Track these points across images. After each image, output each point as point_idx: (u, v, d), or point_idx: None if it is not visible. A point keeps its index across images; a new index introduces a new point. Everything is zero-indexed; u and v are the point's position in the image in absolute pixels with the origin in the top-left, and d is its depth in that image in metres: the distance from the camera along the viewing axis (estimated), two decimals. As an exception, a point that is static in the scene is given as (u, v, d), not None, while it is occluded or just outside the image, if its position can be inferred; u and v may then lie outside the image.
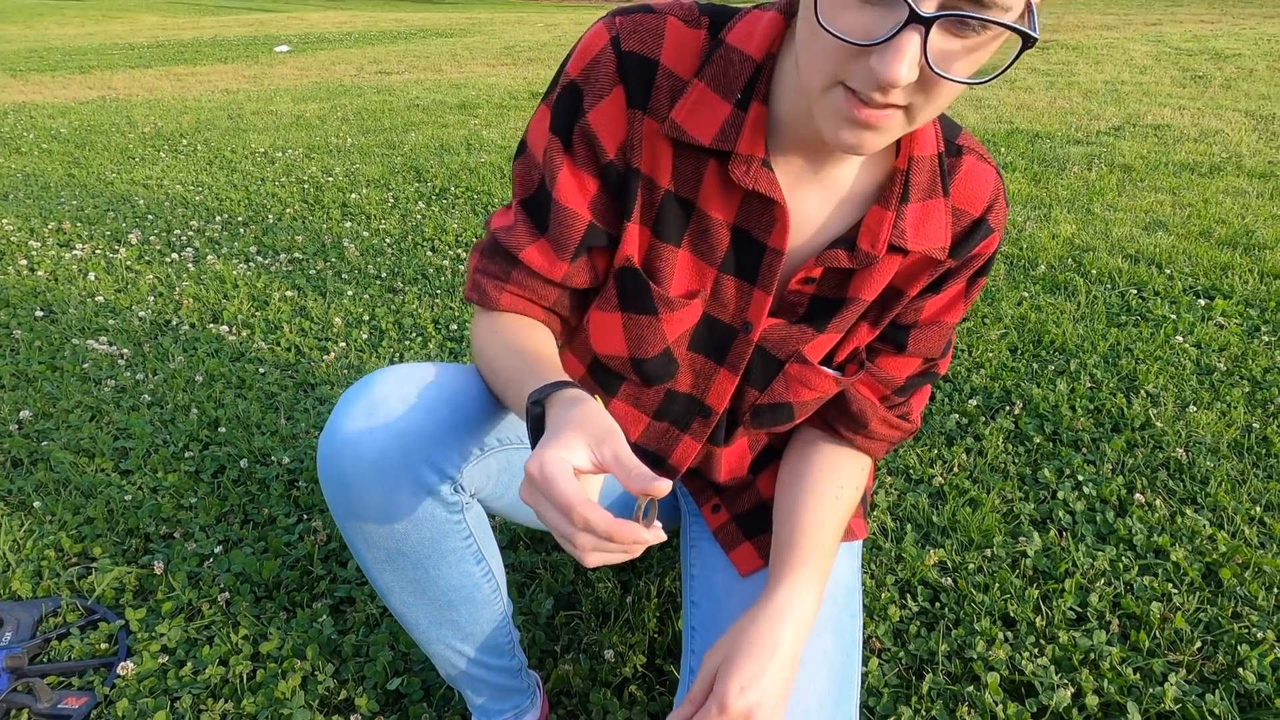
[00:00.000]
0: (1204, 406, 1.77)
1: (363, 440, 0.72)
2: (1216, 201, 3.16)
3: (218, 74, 7.06)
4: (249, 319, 2.21)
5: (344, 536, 0.80)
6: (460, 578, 0.84)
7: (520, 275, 0.79)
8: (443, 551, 0.80)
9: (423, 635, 0.89)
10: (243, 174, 3.68)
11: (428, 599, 0.84)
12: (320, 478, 0.76)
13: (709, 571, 0.96)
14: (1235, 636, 1.19)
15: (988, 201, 0.78)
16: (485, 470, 0.80)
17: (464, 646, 0.90)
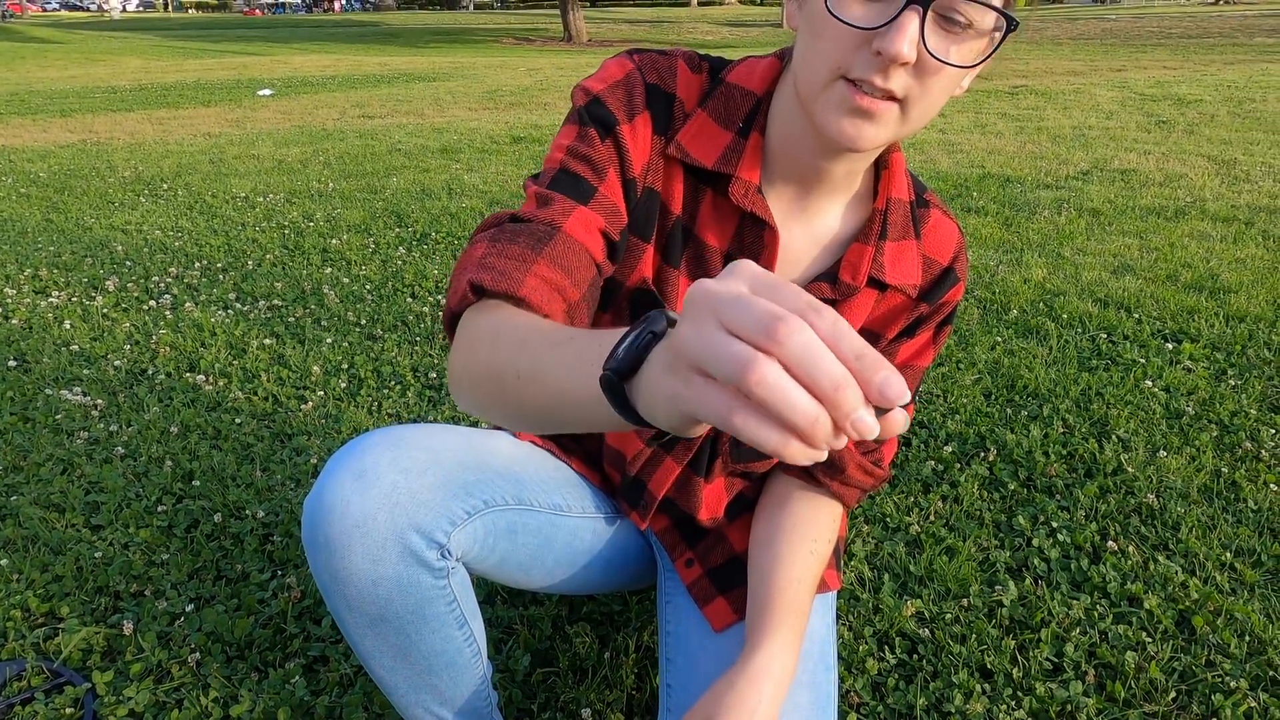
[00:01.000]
0: (1174, 451, 1.80)
1: (350, 505, 0.72)
2: (1182, 245, 3.24)
3: (200, 117, 7.09)
4: (226, 368, 2.20)
5: (326, 601, 0.80)
6: (443, 643, 0.83)
7: (556, 251, 0.68)
8: (426, 618, 0.80)
9: (401, 700, 0.88)
10: (223, 219, 3.69)
11: (409, 665, 0.84)
12: (304, 541, 0.76)
13: (684, 628, 0.96)
14: (1209, 685, 1.20)
15: (954, 252, 0.85)
16: (473, 534, 0.80)
17: (443, 711, 0.90)
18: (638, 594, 1.39)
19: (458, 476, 0.78)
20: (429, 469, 0.76)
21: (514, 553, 0.87)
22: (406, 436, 0.77)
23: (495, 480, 0.83)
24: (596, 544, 0.98)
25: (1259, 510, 1.59)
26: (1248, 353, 2.27)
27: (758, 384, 0.33)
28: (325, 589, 0.77)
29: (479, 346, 0.61)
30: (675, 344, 0.37)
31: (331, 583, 0.76)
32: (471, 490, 0.79)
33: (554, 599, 1.38)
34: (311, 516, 0.74)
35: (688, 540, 1.01)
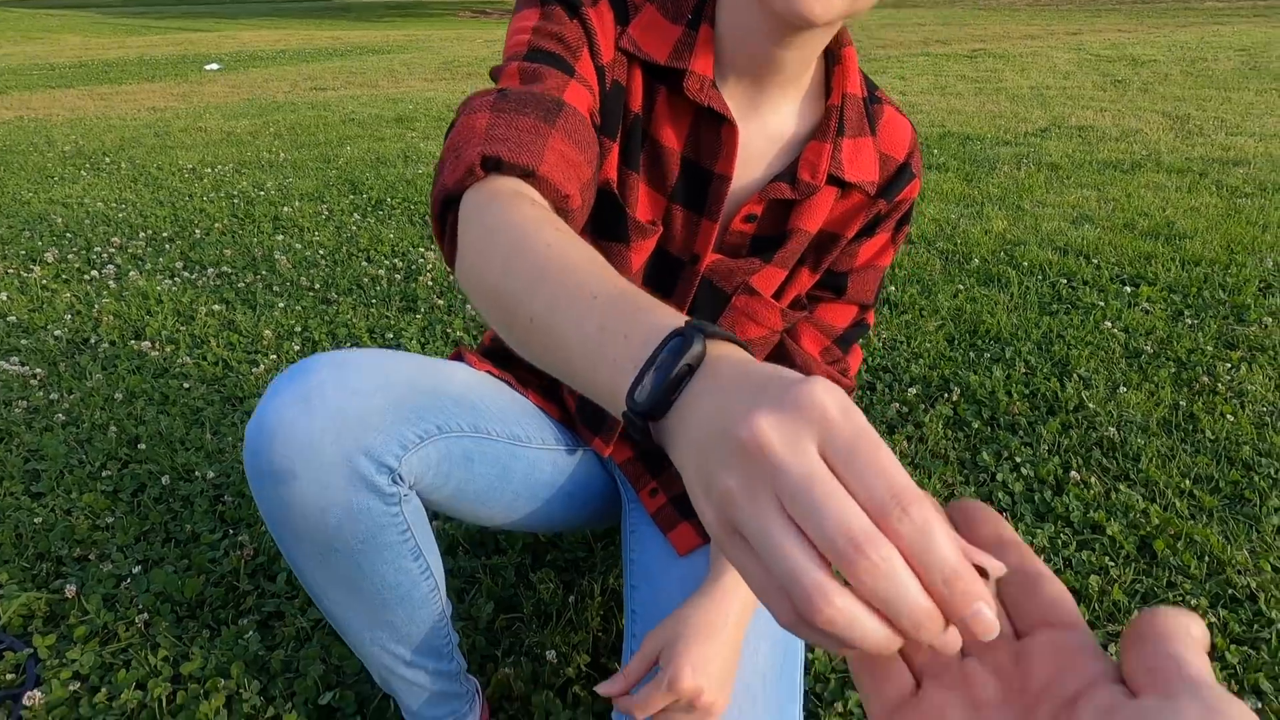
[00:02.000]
0: (1133, 387, 1.81)
1: (296, 427, 0.67)
2: (1139, 196, 3.27)
3: (144, 92, 6.85)
4: (173, 334, 2.13)
5: (272, 533, 0.76)
6: (396, 575, 0.79)
7: (569, 124, 0.61)
8: (378, 547, 0.75)
9: (356, 638, 0.84)
10: (169, 190, 3.56)
11: (362, 598, 0.79)
12: (247, 470, 0.71)
13: (648, 555, 0.93)
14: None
15: (909, 148, 0.83)
16: (425, 459, 0.75)
17: (400, 649, 0.86)
18: (602, 539, 1.37)
19: (409, 400, 0.74)
20: (379, 391, 0.72)
21: (470, 483, 0.83)
22: (354, 358, 0.73)
23: (450, 406, 0.79)
24: (558, 477, 0.95)
25: (1216, 440, 1.61)
26: (1203, 294, 2.30)
27: (825, 622, 0.27)
28: (271, 519, 0.73)
29: (491, 258, 0.49)
30: (719, 498, 0.30)
31: (277, 512, 0.72)
32: (424, 414, 0.75)
33: (517, 547, 1.35)
34: (254, 442, 0.69)
35: (651, 470, 0.98)
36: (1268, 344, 1.99)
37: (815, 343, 0.89)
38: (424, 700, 0.93)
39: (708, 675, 0.73)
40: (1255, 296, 2.26)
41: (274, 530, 0.75)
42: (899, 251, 2.68)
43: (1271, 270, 2.44)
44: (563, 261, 0.45)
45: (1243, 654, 1.12)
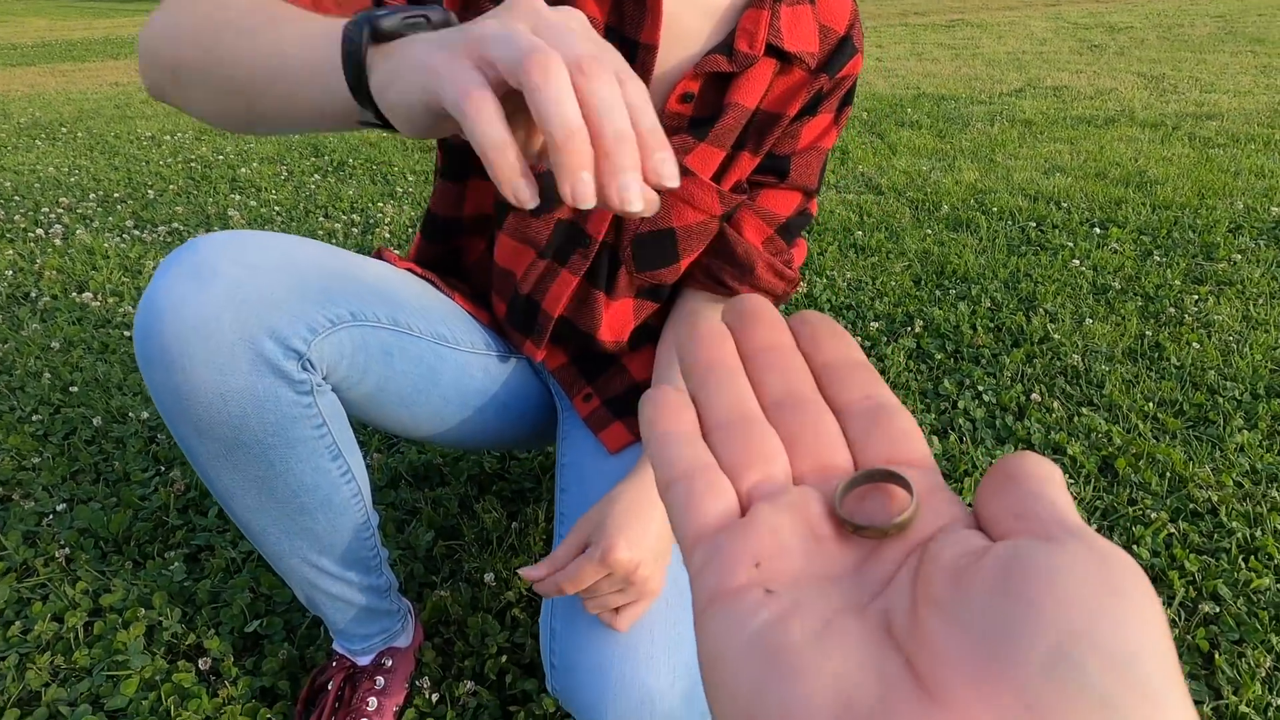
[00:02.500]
0: (1100, 320, 1.78)
1: (188, 304, 0.61)
2: (1112, 148, 3.24)
3: (107, 69, 6.70)
4: (118, 287, 2.06)
5: (172, 432, 0.69)
6: (314, 475, 0.72)
7: None
8: (290, 441, 0.69)
9: (275, 549, 0.77)
10: (126, 157, 3.47)
11: (276, 501, 0.72)
12: (138, 358, 0.64)
13: (579, 456, 0.89)
14: (1130, 519, 1.18)
15: (849, 20, 0.78)
16: (338, 347, 0.69)
17: (323, 560, 0.80)
18: (550, 470, 1.32)
19: (317, 281, 0.68)
20: (282, 268, 0.66)
21: (391, 380, 0.77)
22: (253, 235, 0.67)
23: (365, 294, 0.73)
24: (489, 385, 0.90)
25: (1182, 366, 1.58)
26: (1173, 235, 2.27)
27: (540, 69, 0.33)
28: (168, 414, 0.66)
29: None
30: (470, 28, 0.37)
31: (174, 403, 0.64)
32: (335, 298, 0.69)
33: (461, 479, 1.30)
34: (143, 324, 0.62)
35: (586, 375, 0.93)
36: (1236, 278, 1.96)
37: (758, 232, 0.84)
38: (351, 617, 0.87)
39: (643, 549, 0.69)
40: (1225, 236, 2.23)
41: (173, 427, 0.68)
42: (846, 199, 2.64)
43: (1242, 212, 2.41)
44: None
45: (1202, 563, 1.08)
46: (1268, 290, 1.90)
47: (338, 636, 0.91)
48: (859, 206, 2.58)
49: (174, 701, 0.92)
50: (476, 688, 0.94)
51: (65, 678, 0.98)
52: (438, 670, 0.97)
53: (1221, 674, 0.93)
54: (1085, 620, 0.16)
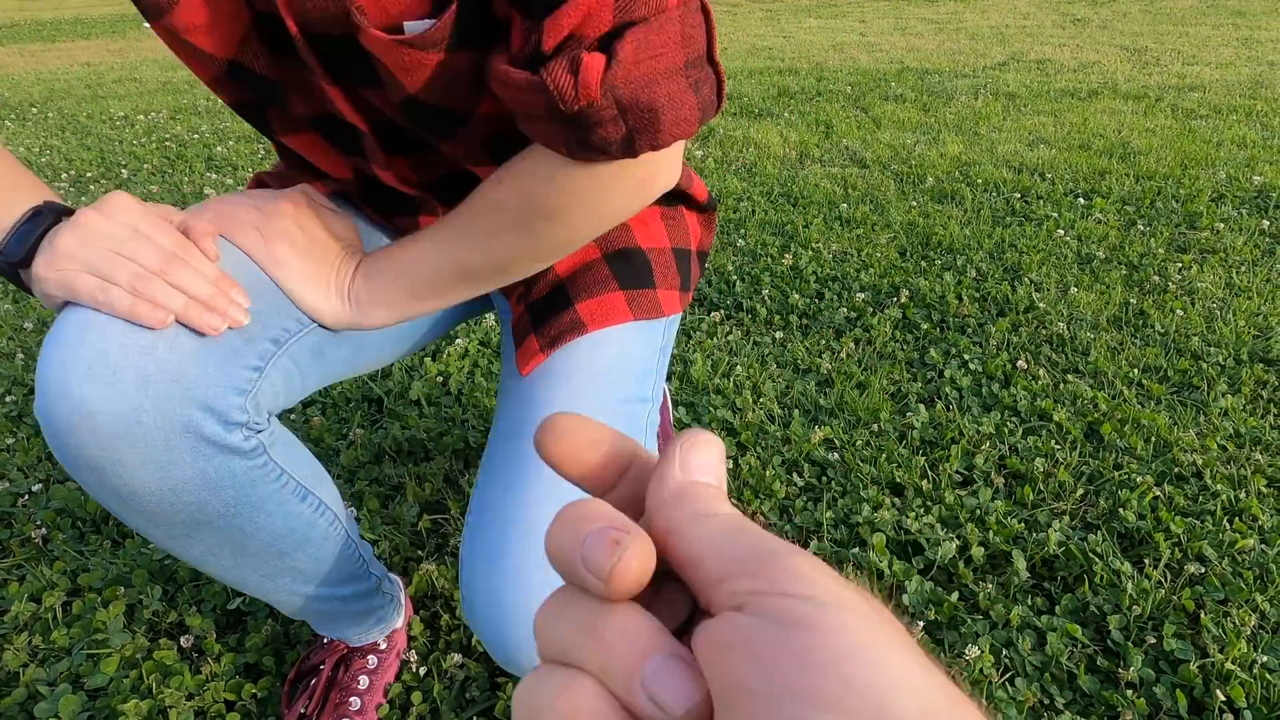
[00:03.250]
0: (1084, 288, 1.78)
1: (101, 413, 0.54)
2: (1095, 120, 3.24)
3: (78, 49, 6.57)
4: (92, 267, 2.02)
5: (123, 521, 0.64)
6: (286, 521, 0.67)
7: None
8: (255, 504, 0.64)
9: (259, 589, 0.72)
10: (98, 137, 3.40)
11: (252, 556, 0.67)
12: (65, 464, 0.57)
13: (504, 377, 0.80)
14: (1116, 483, 1.18)
15: None
16: (271, 387, 0.63)
17: (309, 589, 0.75)
18: (536, 444, 1.31)
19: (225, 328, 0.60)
20: (179, 334, 0.57)
21: (330, 369, 0.72)
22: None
23: (273, 304, 0.64)
24: None
25: (1166, 333, 1.59)
26: (1156, 204, 2.27)
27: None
28: (115, 510, 0.60)
29: None
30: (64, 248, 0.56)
31: (118, 503, 0.58)
32: (250, 337, 0.61)
33: (446, 453, 1.29)
34: (57, 438, 0.55)
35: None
36: (1219, 247, 1.97)
37: (518, 34, 0.55)
38: (345, 621, 0.85)
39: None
40: (1208, 205, 2.24)
41: (123, 518, 0.61)
42: (846, 172, 2.62)
43: (1224, 181, 2.42)
44: None
45: (1188, 525, 1.09)
46: (1250, 258, 1.91)
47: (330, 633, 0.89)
48: (844, 180, 2.57)
49: (156, 679, 0.91)
50: (464, 660, 0.93)
51: (44, 658, 0.96)
52: (425, 644, 0.96)
53: (1207, 633, 0.93)
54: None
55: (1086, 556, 1.04)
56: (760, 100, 3.79)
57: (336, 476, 1.25)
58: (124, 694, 0.90)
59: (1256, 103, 3.37)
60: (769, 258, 1.97)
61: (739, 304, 1.76)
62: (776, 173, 2.67)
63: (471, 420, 1.37)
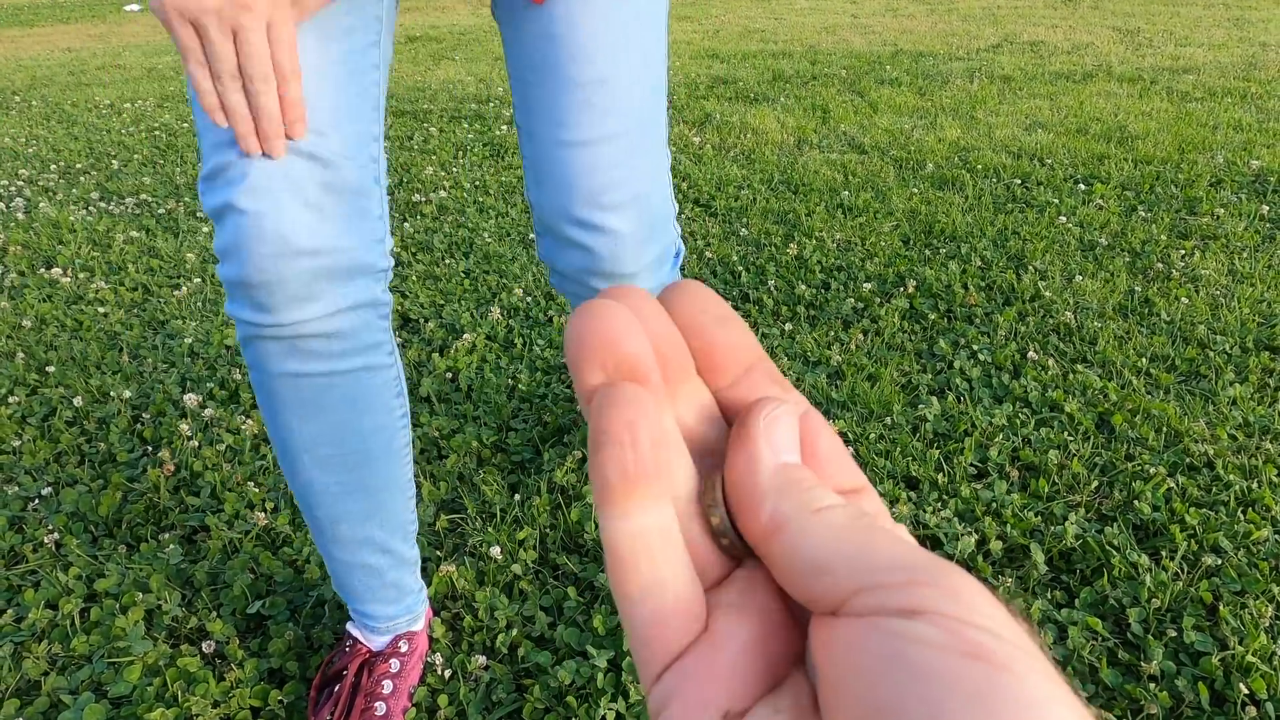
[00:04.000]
0: (1089, 276, 1.79)
1: (287, 279, 0.64)
2: (1091, 103, 3.24)
3: (58, 34, 6.45)
4: (88, 262, 1.99)
5: (255, 381, 0.73)
6: (384, 416, 0.77)
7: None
8: (371, 388, 0.75)
9: (328, 511, 0.79)
10: (84, 126, 3.34)
11: (341, 456, 0.76)
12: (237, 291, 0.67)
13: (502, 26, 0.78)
14: (1129, 474, 1.19)
15: None
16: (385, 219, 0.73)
17: (369, 526, 0.81)
18: (550, 440, 1.30)
19: (352, 179, 0.67)
20: (324, 216, 0.65)
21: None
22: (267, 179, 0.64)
23: (357, 135, 0.69)
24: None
25: (1172, 321, 1.59)
26: (1156, 190, 2.28)
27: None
28: (264, 384, 0.72)
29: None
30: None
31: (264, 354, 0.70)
32: (364, 190, 0.69)
33: (460, 452, 1.28)
34: (242, 273, 0.64)
35: None
36: (1220, 233, 1.97)
37: None
38: (380, 594, 0.87)
39: None
40: (1207, 190, 2.25)
41: (267, 398, 0.73)
42: (850, 160, 2.62)
43: (1222, 165, 2.43)
44: None
45: (1202, 516, 1.10)
46: (1251, 243, 1.92)
47: (359, 617, 0.90)
48: (843, 166, 2.56)
49: (180, 687, 0.90)
50: (489, 662, 0.93)
51: (64, 666, 0.95)
52: (448, 646, 0.96)
53: (1226, 625, 0.94)
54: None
55: (1104, 549, 1.05)
56: (755, 85, 3.76)
57: (350, 476, 1.24)
58: (149, 702, 0.89)
59: (1250, 85, 3.38)
60: (773, 247, 1.97)
61: (745, 295, 1.76)
62: (775, 159, 2.65)
63: (484, 418, 1.36)
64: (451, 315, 1.67)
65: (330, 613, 1.00)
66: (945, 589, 0.15)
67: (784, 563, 0.17)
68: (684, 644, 0.18)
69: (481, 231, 2.09)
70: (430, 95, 3.68)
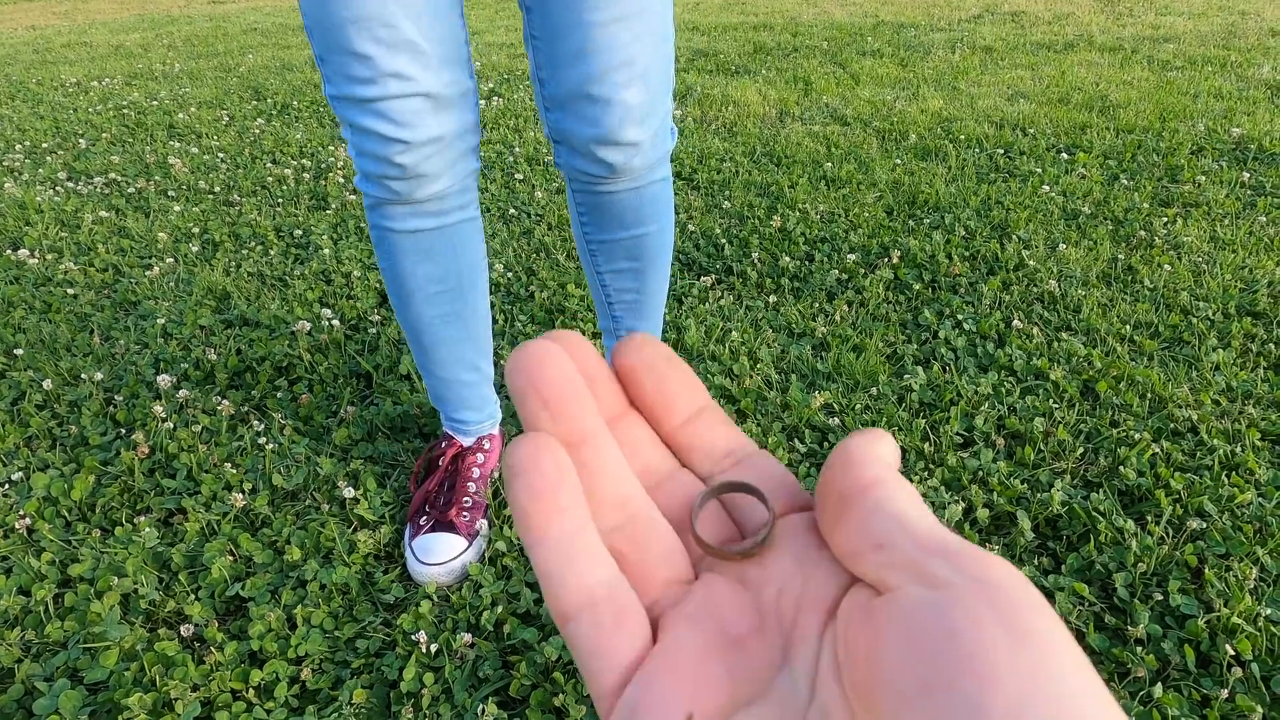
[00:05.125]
0: (1072, 244, 1.78)
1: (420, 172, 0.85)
2: (1073, 73, 3.23)
3: (21, 12, 6.27)
4: (56, 243, 1.94)
5: (377, 233, 0.92)
6: (477, 253, 0.97)
7: None
8: (473, 230, 0.95)
9: (438, 334, 0.99)
10: (50, 105, 3.26)
11: (454, 282, 0.96)
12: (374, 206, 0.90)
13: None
14: (1114, 441, 1.19)
15: None
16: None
17: (467, 349, 1.03)
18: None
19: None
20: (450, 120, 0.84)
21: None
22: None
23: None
24: None
25: (1155, 289, 1.59)
26: (1138, 158, 2.27)
27: None
28: (385, 239, 0.92)
29: None
30: None
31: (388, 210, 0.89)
32: (468, 92, 0.85)
33: (440, 428, 1.26)
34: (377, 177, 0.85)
35: None
36: (1201, 200, 1.98)
37: None
38: (473, 400, 1.09)
39: None
40: (1188, 158, 2.25)
41: (382, 230, 0.91)
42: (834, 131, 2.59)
43: (1203, 133, 2.43)
44: None
45: (1187, 481, 1.10)
46: (1232, 210, 1.92)
47: (451, 423, 1.12)
48: (826, 138, 2.54)
49: (158, 671, 0.88)
50: (475, 639, 0.92)
51: (38, 652, 0.93)
52: (433, 624, 0.95)
53: (1211, 587, 0.94)
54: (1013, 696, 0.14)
55: (1090, 515, 1.05)
56: (737, 57, 3.72)
57: (329, 455, 1.22)
58: (126, 687, 0.87)
59: (1230, 53, 3.38)
60: (756, 220, 1.95)
61: (729, 268, 1.74)
62: (758, 132, 2.63)
63: (465, 394, 1.34)
64: (431, 292, 1.65)
65: (311, 595, 0.98)
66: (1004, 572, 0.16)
67: (867, 515, 0.17)
68: (634, 650, 0.18)
69: (460, 207, 2.06)
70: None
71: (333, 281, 1.71)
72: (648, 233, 1.01)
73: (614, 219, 0.99)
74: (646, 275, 1.06)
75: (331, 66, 0.79)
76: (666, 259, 1.07)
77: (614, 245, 1.03)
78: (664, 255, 1.06)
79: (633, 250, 1.03)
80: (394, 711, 0.86)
